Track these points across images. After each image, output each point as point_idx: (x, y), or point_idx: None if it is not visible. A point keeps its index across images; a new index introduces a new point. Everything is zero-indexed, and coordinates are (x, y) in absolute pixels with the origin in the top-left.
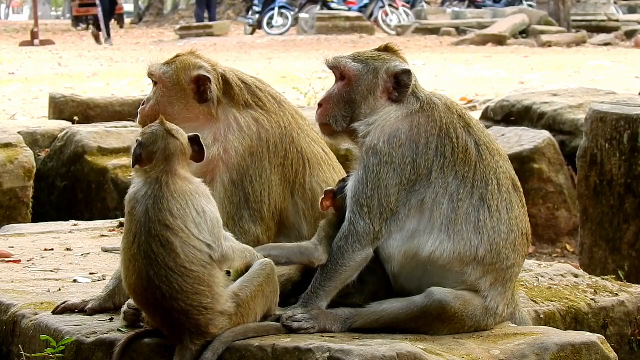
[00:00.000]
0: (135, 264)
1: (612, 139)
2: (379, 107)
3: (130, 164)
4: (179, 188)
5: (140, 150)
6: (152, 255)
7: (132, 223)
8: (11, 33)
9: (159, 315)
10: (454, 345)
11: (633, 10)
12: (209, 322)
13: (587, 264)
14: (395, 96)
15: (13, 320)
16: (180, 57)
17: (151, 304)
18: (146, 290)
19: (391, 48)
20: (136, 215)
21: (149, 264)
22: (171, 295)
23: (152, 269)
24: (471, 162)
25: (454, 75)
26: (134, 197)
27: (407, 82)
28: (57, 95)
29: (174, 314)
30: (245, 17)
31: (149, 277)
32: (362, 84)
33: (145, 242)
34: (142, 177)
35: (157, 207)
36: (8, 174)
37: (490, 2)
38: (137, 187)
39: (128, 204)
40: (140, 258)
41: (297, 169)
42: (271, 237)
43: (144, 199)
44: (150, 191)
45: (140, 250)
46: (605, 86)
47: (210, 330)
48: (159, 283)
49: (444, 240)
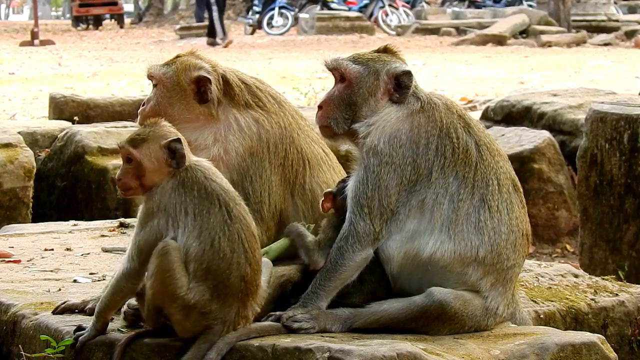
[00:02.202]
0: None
1: (612, 139)
2: (380, 108)
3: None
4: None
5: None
6: (242, 219)
7: (209, 200)
8: (11, 33)
9: (227, 286)
10: (454, 345)
11: (633, 10)
12: (252, 303)
13: (587, 264)
14: (395, 97)
15: (13, 320)
16: (180, 57)
17: (226, 273)
18: (232, 253)
19: (390, 49)
20: (213, 192)
21: (240, 228)
22: (249, 260)
23: (244, 233)
24: (471, 162)
25: (454, 75)
26: (192, 183)
27: (408, 83)
28: (57, 95)
29: (240, 282)
30: (245, 17)
31: (240, 240)
32: (363, 86)
33: (234, 208)
34: (174, 174)
35: (223, 182)
36: (8, 174)
37: (490, 2)
38: (182, 179)
39: (191, 191)
40: (233, 223)
41: (297, 169)
42: (271, 237)
43: (207, 181)
44: (202, 174)
45: (232, 216)
46: (605, 86)
47: (248, 314)
48: (246, 247)
49: (444, 241)
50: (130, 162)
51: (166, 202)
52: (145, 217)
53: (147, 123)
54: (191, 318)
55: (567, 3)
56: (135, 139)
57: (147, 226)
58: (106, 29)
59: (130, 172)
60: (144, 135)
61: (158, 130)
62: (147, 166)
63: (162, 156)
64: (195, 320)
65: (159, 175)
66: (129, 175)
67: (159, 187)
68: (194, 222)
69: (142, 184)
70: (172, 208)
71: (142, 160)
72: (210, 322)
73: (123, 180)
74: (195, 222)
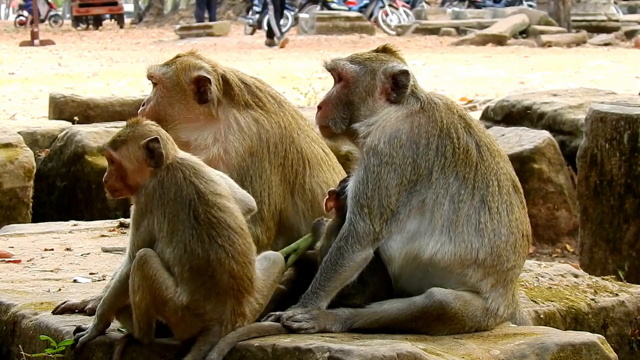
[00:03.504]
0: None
1: (612, 139)
2: (378, 108)
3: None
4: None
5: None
6: (213, 220)
7: (180, 204)
8: (11, 33)
9: (215, 284)
10: (454, 345)
11: (633, 10)
12: (248, 298)
13: (587, 264)
14: (393, 97)
15: (13, 320)
16: (180, 57)
17: (209, 271)
18: (207, 253)
19: (389, 49)
20: (186, 196)
21: (210, 227)
22: (232, 255)
23: (214, 231)
24: (472, 163)
25: (454, 75)
26: (170, 184)
27: (405, 83)
28: (57, 95)
29: (228, 279)
30: (245, 17)
31: (211, 239)
32: (360, 86)
33: (203, 212)
34: (155, 174)
35: (202, 180)
36: (8, 174)
37: (490, 2)
38: (161, 179)
39: (168, 193)
40: (200, 226)
41: (297, 169)
42: (271, 237)
43: (185, 182)
44: (181, 175)
45: (199, 220)
46: (605, 86)
47: (245, 311)
48: (222, 242)
49: (445, 243)
50: (113, 164)
51: (149, 203)
52: (137, 218)
53: (129, 123)
54: (186, 319)
55: (567, 3)
56: (116, 140)
57: (141, 227)
58: (106, 29)
59: (113, 174)
60: (124, 137)
61: (138, 131)
62: (127, 167)
63: (141, 156)
64: (191, 322)
65: (141, 176)
66: (113, 176)
67: (143, 188)
68: (168, 227)
69: (127, 185)
70: (155, 209)
71: (122, 162)
72: (207, 323)
73: (109, 182)
74: (168, 227)
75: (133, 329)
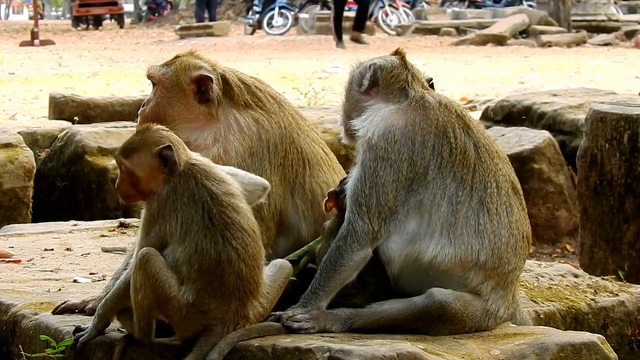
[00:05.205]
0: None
1: (612, 139)
2: (368, 106)
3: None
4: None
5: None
6: (228, 220)
7: (194, 207)
8: (11, 33)
9: (222, 284)
10: (454, 345)
11: (633, 10)
12: (253, 301)
13: (587, 264)
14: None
15: (13, 320)
16: (179, 57)
17: (218, 271)
18: (219, 253)
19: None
20: (199, 199)
21: (225, 228)
22: (242, 257)
23: (229, 232)
24: (470, 164)
25: (454, 75)
26: (183, 190)
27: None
28: (57, 95)
29: (235, 280)
30: (245, 17)
31: (224, 240)
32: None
33: (217, 213)
34: (168, 180)
35: (214, 182)
36: (8, 174)
37: (490, 2)
38: (174, 186)
39: (181, 198)
40: (214, 226)
41: (297, 169)
42: (271, 237)
43: (197, 187)
44: (194, 180)
45: (214, 221)
46: (605, 86)
47: (248, 313)
48: (235, 245)
49: (445, 245)
50: (124, 171)
51: (162, 209)
52: (147, 223)
53: (139, 129)
54: (190, 317)
55: (567, 3)
56: (127, 148)
57: (151, 232)
58: (106, 29)
59: (126, 181)
60: (135, 145)
61: (149, 138)
62: (140, 175)
63: (154, 164)
64: (194, 319)
65: (154, 182)
66: (125, 183)
67: (155, 194)
68: (181, 229)
69: (140, 191)
70: (168, 215)
71: (134, 170)
72: (210, 322)
73: (121, 188)
74: (181, 229)
75: (133, 329)
